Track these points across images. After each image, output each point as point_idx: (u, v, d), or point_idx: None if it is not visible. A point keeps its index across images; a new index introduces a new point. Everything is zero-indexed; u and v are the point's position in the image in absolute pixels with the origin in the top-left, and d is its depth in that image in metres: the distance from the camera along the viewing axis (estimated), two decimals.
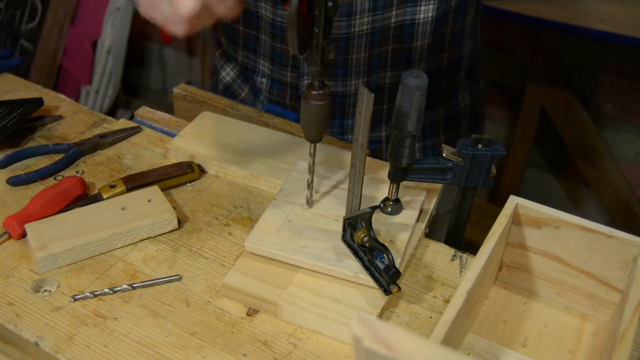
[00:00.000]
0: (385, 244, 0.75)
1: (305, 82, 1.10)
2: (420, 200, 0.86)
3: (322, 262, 0.76)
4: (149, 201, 0.85)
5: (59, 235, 0.79)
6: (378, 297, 0.74)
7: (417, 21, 1.02)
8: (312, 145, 0.80)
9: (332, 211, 0.84)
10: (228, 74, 1.24)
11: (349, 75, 1.06)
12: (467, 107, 1.19)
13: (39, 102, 1.00)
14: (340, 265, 0.76)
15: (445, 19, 1.06)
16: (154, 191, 0.86)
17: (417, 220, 0.84)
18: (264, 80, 1.15)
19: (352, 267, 0.76)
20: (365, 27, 1.02)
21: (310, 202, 0.84)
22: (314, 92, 0.76)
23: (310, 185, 0.83)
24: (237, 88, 1.23)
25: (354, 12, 1.00)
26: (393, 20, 1.02)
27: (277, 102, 1.15)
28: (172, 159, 0.95)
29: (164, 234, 0.84)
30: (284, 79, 1.12)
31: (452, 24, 1.08)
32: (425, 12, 1.02)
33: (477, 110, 1.23)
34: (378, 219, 0.83)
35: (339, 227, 0.80)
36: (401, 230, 0.82)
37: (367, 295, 0.75)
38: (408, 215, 0.84)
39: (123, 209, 0.84)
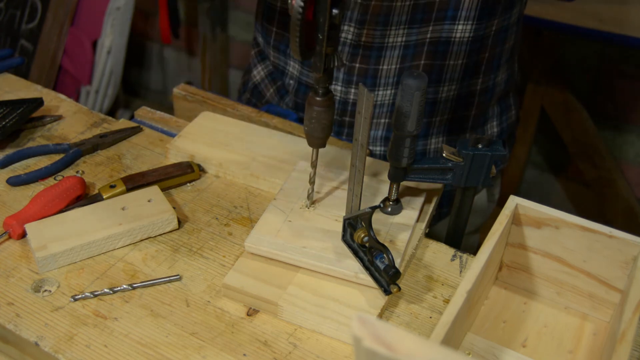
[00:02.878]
0: (385, 244, 0.75)
1: (334, 85, 1.09)
2: (420, 200, 0.86)
3: (322, 262, 0.76)
4: (149, 201, 0.85)
5: (59, 235, 0.79)
6: (378, 297, 0.74)
7: (452, 39, 1.01)
8: (314, 150, 0.80)
9: (332, 211, 0.84)
10: (259, 72, 1.23)
11: (377, 85, 1.05)
12: (493, 137, 1.18)
13: (39, 102, 1.00)
14: (340, 265, 0.76)
15: (483, 42, 1.04)
16: (154, 191, 0.86)
17: (417, 220, 0.84)
18: (291, 82, 1.15)
19: (352, 267, 0.76)
20: (400, 39, 1.01)
21: (310, 203, 0.84)
22: (317, 99, 0.76)
23: (311, 188, 0.83)
24: (264, 88, 1.23)
25: (390, 22, 0.99)
26: (429, 35, 1.00)
27: (302, 104, 1.14)
28: (172, 159, 0.95)
29: (164, 234, 0.84)
30: (312, 82, 1.12)
31: (490, 50, 1.06)
32: (463, 31, 1.00)
33: (504, 141, 1.21)
34: (378, 219, 0.83)
35: (339, 227, 0.80)
36: (401, 230, 0.82)
37: (367, 295, 0.75)
38: (408, 215, 0.84)
39: (123, 209, 0.84)
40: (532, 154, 2.26)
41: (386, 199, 0.84)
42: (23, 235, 0.81)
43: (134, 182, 0.89)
